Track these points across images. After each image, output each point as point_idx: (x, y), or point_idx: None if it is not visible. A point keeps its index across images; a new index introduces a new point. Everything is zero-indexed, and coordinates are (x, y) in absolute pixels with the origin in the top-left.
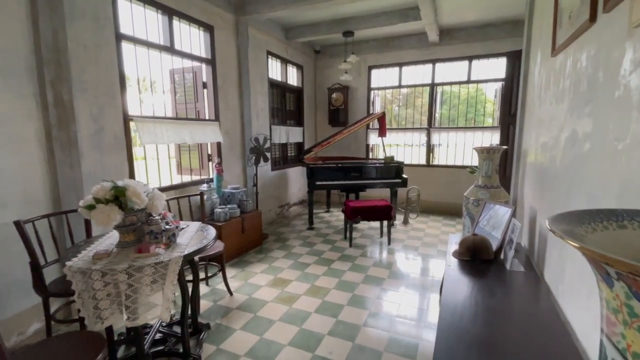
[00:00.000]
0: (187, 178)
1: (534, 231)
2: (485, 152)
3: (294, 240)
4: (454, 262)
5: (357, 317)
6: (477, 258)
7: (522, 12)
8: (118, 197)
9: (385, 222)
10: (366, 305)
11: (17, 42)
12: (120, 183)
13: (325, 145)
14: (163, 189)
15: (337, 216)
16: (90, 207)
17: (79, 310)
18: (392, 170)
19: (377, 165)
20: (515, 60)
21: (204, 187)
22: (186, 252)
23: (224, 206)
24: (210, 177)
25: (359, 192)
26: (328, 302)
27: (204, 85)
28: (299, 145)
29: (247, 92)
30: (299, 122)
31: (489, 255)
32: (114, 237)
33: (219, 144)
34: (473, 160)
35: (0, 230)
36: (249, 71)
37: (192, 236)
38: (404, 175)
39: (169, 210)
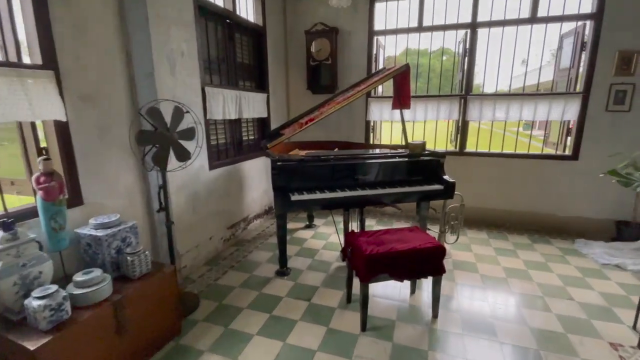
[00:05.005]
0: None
1: None
2: None
3: (249, 313)
4: None
5: None
6: None
7: None
8: None
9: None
10: None
11: None
12: None
13: (307, 124)
14: None
15: (325, 236)
16: None
17: None
18: (426, 168)
19: (399, 159)
20: None
21: None
22: None
23: (47, 290)
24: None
25: (363, 208)
26: None
27: None
28: (263, 123)
29: (142, 12)
30: (261, 85)
31: None
32: None
33: (58, 124)
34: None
35: None
36: None
37: None
38: (447, 177)
39: None
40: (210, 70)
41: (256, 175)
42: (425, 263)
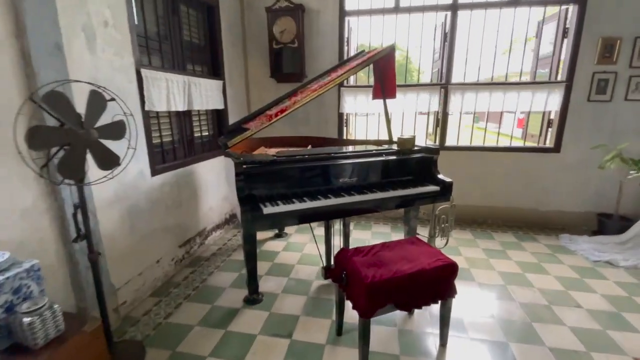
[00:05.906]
0: None
1: None
2: None
3: None
4: None
5: None
6: None
7: None
8: None
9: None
10: None
11: None
12: None
13: (277, 116)
14: None
15: (300, 247)
16: None
17: None
18: (419, 167)
19: (391, 157)
20: None
21: None
22: None
23: None
24: None
25: (346, 216)
26: None
27: None
28: (219, 116)
29: None
30: (215, 70)
31: None
32: None
33: None
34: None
35: None
36: None
37: None
38: (443, 176)
39: None
40: (149, 49)
41: (213, 179)
42: (435, 285)
